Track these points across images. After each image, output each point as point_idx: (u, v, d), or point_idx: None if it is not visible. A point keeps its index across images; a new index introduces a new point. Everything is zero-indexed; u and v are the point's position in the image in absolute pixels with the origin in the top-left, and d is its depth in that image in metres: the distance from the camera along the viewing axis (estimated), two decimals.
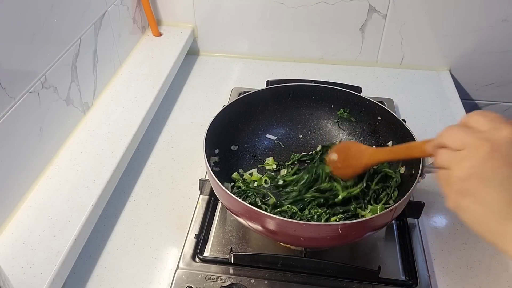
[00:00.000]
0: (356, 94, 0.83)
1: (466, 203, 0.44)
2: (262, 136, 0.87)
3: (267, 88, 0.88)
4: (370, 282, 0.67)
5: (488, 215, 0.43)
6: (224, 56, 1.24)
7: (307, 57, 1.21)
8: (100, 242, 0.75)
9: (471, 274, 0.70)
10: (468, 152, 0.43)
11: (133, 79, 1.01)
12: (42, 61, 0.75)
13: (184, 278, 0.68)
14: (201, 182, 0.80)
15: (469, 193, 0.43)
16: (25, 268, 0.62)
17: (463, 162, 0.43)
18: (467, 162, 0.43)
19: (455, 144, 0.45)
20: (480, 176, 0.42)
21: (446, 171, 0.45)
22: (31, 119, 0.72)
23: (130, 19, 1.08)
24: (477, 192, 0.43)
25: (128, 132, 0.86)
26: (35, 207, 0.71)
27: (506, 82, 1.16)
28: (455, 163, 0.44)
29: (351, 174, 0.72)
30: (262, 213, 0.60)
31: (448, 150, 0.46)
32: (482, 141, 0.42)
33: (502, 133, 0.42)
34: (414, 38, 1.13)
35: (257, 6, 1.13)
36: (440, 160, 0.47)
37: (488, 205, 0.42)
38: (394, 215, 0.65)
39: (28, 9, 0.69)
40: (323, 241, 0.64)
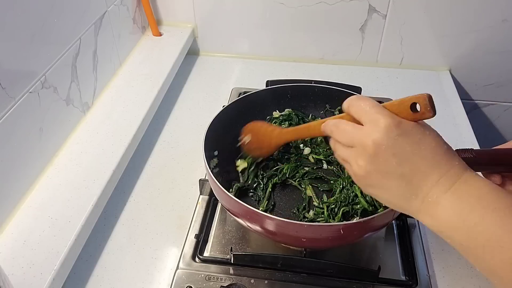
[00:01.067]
0: (355, 94, 0.83)
1: (375, 192, 0.51)
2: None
3: (266, 89, 0.88)
4: (370, 282, 0.67)
5: (395, 198, 0.49)
6: (224, 56, 1.24)
7: (307, 57, 1.21)
8: (100, 242, 0.75)
9: (471, 274, 0.70)
10: (358, 152, 0.49)
11: (133, 79, 1.01)
12: (42, 61, 0.75)
13: (184, 278, 0.68)
14: (201, 182, 0.80)
15: (373, 185, 0.50)
16: (25, 268, 0.62)
17: (358, 160, 0.49)
18: (361, 161, 0.49)
19: (345, 141, 0.51)
20: (376, 170, 0.48)
21: (348, 166, 0.52)
22: (31, 119, 0.72)
23: (130, 19, 1.08)
24: (379, 183, 0.49)
25: (128, 132, 0.86)
26: (35, 207, 0.71)
27: (506, 82, 1.16)
28: (352, 161, 0.50)
29: (266, 153, 0.77)
30: (262, 214, 0.60)
31: (341, 145, 0.52)
32: (365, 140, 0.47)
33: (379, 128, 0.47)
34: (414, 38, 1.13)
35: (257, 6, 1.13)
36: (339, 153, 0.53)
37: (392, 191, 0.48)
38: (395, 215, 0.65)
39: (28, 9, 0.69)
40: (324, 242, 0.64)
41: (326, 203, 0.73)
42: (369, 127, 0.48)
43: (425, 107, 0.47)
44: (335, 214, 0.71)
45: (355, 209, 0.71)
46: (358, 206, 0.71)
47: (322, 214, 0.72)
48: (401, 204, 0.49)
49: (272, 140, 0.73)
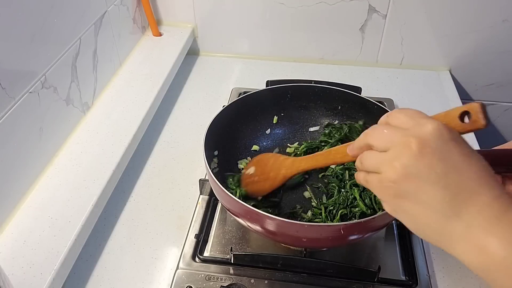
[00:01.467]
0: (355, 94, 0.83)
1: (406, 205, 0.41)
2: (262, 136, 0.87)
3: (266, 89, 0.88)
4: (370, 282, 0.67)
5: (431, 215, 0.40)
6: (224, 56, 1.24)
7: (307, 57, 1.21)
8: (100, 242, 0.75)
9: (471, 274, 0.70)
10: (397, 152, 0.40)
11: (133, 79, 1.01)
12: (42, 61, 0.75)
13: (184, 278, 0.68)
14: (201, 182, 0.80)
15: (407, 195, 0.40)
16: (25, 268, 0.62)
17: (394, 162, 0.40)
18: (398, 162, 0.40)
19: (381, 143, 0.42)
20: (415, 175, 0.39)
21: (376, 175, 0.43)
22: (31, 119, 0.72)
23: (130, 19, 1.08)
24: (415, 193, 0.40)
25: (128, 132, 0.86)
26: (35, 207, 0.71)
27: (506, 82, 1.16)
28: (386, 165, 0.41)
29: (269, 187, 0.70)
30: (262, 214, 0.60)
31: (374, 152, 0.43)
32: (409, 138, 0.39)
33: (427, 128, 0.39)
34: (414, 38, 1.13)
35: (257, 6, 1.13)
36: (367, 164, 0.44)
37: (430, 205, 0.39)
38: None
39: (28, 9, 0.69)
40: (325, 242, 0.64)
41: (324, 204, 0.73)
42: (415, 127, 0.40)
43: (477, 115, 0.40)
44: (333, 216, 0.71)
45: (353, 212, 0.71)
46: (357, 209, 0.71)
47: (320, 215, 0.72)
48: (437, 225, 0.39)
49: (281, 171, 0.66)
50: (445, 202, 0.39)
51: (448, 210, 0.39)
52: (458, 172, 0.39)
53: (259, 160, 0.74)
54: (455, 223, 0.38)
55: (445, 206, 0.39)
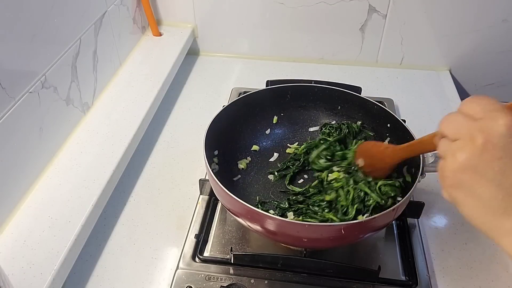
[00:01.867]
0: (355, 94, 0.83)
1: (460, 195, 0.43)
2: (262, 136, 0.87)
3: (266, 89, 0.88)
4: (370, 282, 0.67)
5: (482, 209, 0.42)
6: (224, 56, 1.24)
7: (307, 57, 1.21)
8: (100, 242, 0.75)
9: (471, 274, 0.70)
10: (462, 144, 0.42)
11: (133, 79, 1.01)
12: (42, 61, 0.74)
13: (184, 278, 0.68)
14: (201, 182, 0.80)
15: (463, 186, 0.42)
16: (25, 268, 0.62)
17: (457, 153, 0.42)
18: (461, 154, 0.42)
19: (451, 133, 0.44)
20: (474, 169, 0.41)
21: (442, 161, 0.45)
22: (31, 119, 0.72)
23: (130, 19, 1.08)
24: (471, 186, 0.42)
25: (128, 132, 0.86)
26: (35, 207, 0.71)
27: (506, 82, 1.16)
28: (450, 154, 0.43)
29: (383, 175, 0.70)
30: (262, 214, 0.60)
31: (445, 139, 0.45)
32: (476, 132, 0.41)
33: (496, 124, 0.40)
34: (414, 38, 1.13)
35: (257, 6, 1.13)
36: (439, 150, 0.46)
37: (482, 200, 0.41)
38: (396, 215, 0.65)
39: (28, 9, 0.69)
40: (325, 242, 0.64)
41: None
42: (484, 121, 0.41)
43: None
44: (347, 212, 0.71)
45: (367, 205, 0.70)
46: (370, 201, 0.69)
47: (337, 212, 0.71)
48: (487, 218, 0.42)
49: (386, 160, 0.67)
50: (497, 200, 0.40)
51: (498, 207, 0.40)
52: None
53: (364, 151, 0.73)
54: (504, 220, 0.40)
55: (496, 204, 0.41)
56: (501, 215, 0.41)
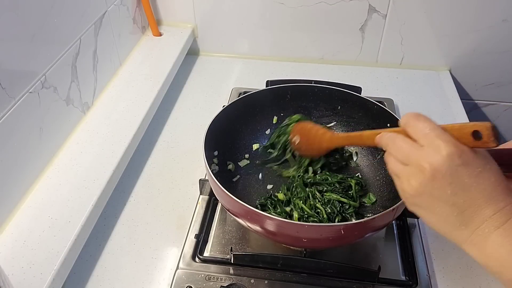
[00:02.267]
0: (355, 94, 0.83)
1: (421, 212, 0.49)
2: (262, 136, 0.87)
3: (266, 89, 0.88)
4: (370, 282, 0.67)
5: (442, 223, 0.48)
6: (224, 56, 1.24)
7: (307, 57, 1.21)
8: (100, 242, 0.75)
9: (471, 274, 0.70)
10: (412, 171, 0.47)
11: (133, 79, 1.01)
12: (42, 61, 0.74)
13: (184, 278, 0.68)
14: (201, 182, 0.80)
15: (421, 207, 0.49)
16: (25, 268, 0.62)
17: (411, 179, 0.47)
18: (414, 181, 0.47)
19: (400, 157, 0.49)
20: (429, 194, 0.46)
21: (397, 179, 0.50)
22: (31, 119, 0.72)
23: (130, 19, 1.08)
24: (430, 206, 0.47)
25: (128, 132, 0.86)
26: (35, 207, 0.71)
27: (506, 82, 1.16)
28: (404, 178, 0.49)
29: (317, 155, 0.77)
30: (262, 214, 0.60)
31: (396, 160, 0.50)
32: (423, 163, 0.46)
33: (440, 154, 0.45)
34: (414, 38, 1.13)
35: (257, 6, 1.13)
36: (390, 167, 0.51)
37: (441, 216, 0.47)
38: (395, 215, 0.65)
39: (28, 9, 0.69)
40: (325, 242, 0.64)
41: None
42: (429, 151, 0.46)
43: (488, 137, 0.44)
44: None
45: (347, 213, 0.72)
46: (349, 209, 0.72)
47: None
48: (448, 230, 0.48)
49: (323, 144, 0.73)
50: (453, 216, 0.46)
51: (456, 222, 0.47)
52: (466, 192, 0.45)
53: (301, 128, 0.78)
54: (462, 231, 0.46)
55: (453, 219, 0.47)
56: (458, 227, 0.46)
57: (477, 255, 0.46)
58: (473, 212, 0.45)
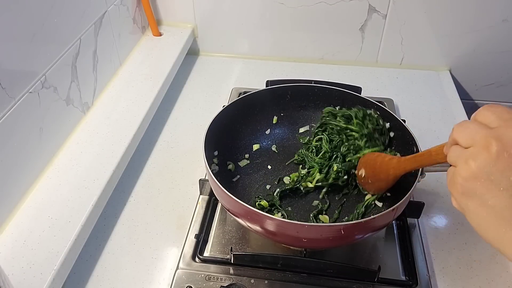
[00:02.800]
0: (355, 94, 0.83)
1: (471, 205, 0.41)
2: (262, 136, 0.87)
3: (266, 89, 0.88)
4: (370, 282, 0.67)
5: (493, 219, 0.40)
6: (224, 56, 1.24)
7: (307, 57, 1.21)
8: (100, 242, 0.75)
9: (471, 274, 0.70)
10: (476, 150, 0.40)
11: (133, 79, 1.01)
12: (42, 61, 0.75)
13: (184, 278, 0.68)
14: (201, 182, 0.80)
15: (474, 195, 0.41)
16: (25, 268, 0.62)
17: (470, 161, 0.40)
18: (474, 161, 0.40)
19: (464, 139, 0.42)
20: (487, 178, 0.39)
21: (452, 168, 0.43)
22: (31, 119, 0.72)
23: (130, 19, 1.08)
24: (483, 195, 0.40)
25: (128, 132, 0.86)
26: (35, 207, 0.71)
27: (506, 82, 1.16)
28: (462, 161, 0.41)
29: (385, 187, 0.69)
30: (262, 214, 0.60)
31: (457, 146, 0.43)
32: (491, 140, 0.39)
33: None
34: (414, 38, 1.13)
35: (257, 6, 1.13)
36: (450, 157, 0.44)
37: (494, 210, 0.40)
38: (395, 215, 0.65)
39: (28, 9, 0.69)
40: (325, 242, 0.64)
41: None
42: (500, 129, 0.40)
43: None
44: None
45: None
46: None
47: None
48: (498, 231, 0.40)
49: (390, 172, 0.66)
50: (510, 210, 0.39)
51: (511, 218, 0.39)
52: None
53: (367, 160, 0.73)
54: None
55: (509, 214, 0.39)
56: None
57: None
58: None
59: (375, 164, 0.70)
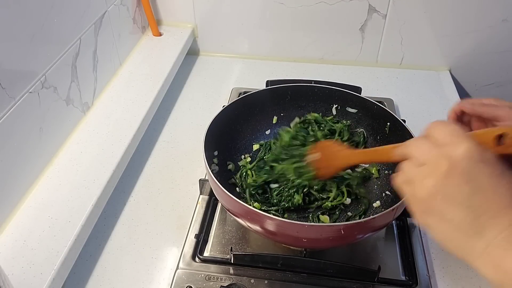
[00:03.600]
0: (355, 94, 0.83)
1: (432, 221, 0.44)
2: (262, 136, 0.87)
3: (266, 89, 0.88)
4: (370, 282, 0.67)
5: (455, 233, 0.42)
6: (224, 56, 1.24)
7: (307, 57, 1.21)
8: (100, 242, 0.75)
9: (471, 274, 0.70)
10: (429, 170, 0.43)
11: (133, 79, 1.01)
12: (42, 61, 0.75)
13: (184, 278, 0.68)
14: (201, 182, 0.80)
15: (434, 212, 0.43)
16: (25, 268, 0.62)
17: (425, 180, 0.43)
18: (428, 181, 0.43)
19: (418, 157, 0.45)
20: (443, 195, 0.42)
21: (410, 187, 0.45)
22: (31, 119, 0.72)
23: (130, 19, 1.08)
24: (441, 211, 0.42)
25: (128, 132, 0.86)
26: (35, 207, 0.71)
27: (506, 82, 1.16)
28: (418, 181, 0.44)
29: (331, 174, 0.72)
30: (262, 214, 0.60)
31: (412, 164, 0.46)
32: (441, 159, 0.42)
33: (460, 149, 0.42)
34: (414, 38, 1.13)
35: (257, 6, 1.13)
36: (406, 174, 0.46)
37: (453, 223, 0.42)
38: (395, 215, 0.65)
39: (28, 9, 0.69)
40: (325, 242, 0.64)
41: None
42: (448, 147, 0.42)
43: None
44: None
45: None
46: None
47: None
48: (459, 241, 0.42)
49: (340, 160, 0.70)
50: (467, 222, 0.41)
51: (470, 229, 0.41)
52: (484, 194, 0.41)
53: (324, 146, 0.75)
54: (476, 241, 0.41)
55: (467, 226, 0.41)
56: (472, 236, 0.41)
57: (492, 272, 0.40)
58: (490, 219, 0.40)
59: (328, 150, 0.73)
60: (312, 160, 0.74)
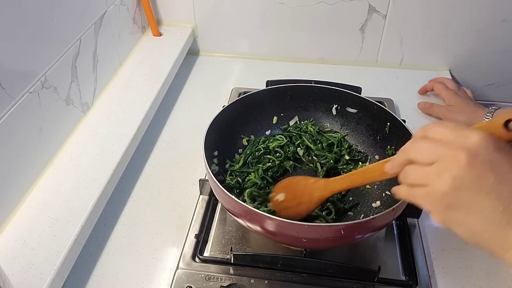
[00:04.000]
0: (355, 94, 0.83)
1: (457, 215, 0.42)
2: (262, 137, 0.87)
3: (266, 89, 0.88)
4: (370, 282, 0.67)
5: (486, 224, 0.40)
6: (224, 56, 1.24)
7: (307, 57, 1.21)
8: (100, 242, 0.75)
9: (471, 274, 0.70)
10: (445, 164, 0.41)
11: (133, 79, 1.01)
12: (42, 61, 0.74)
13: (184, 278, 0.68)
14: (201, 182, 0.80)
15: (459, 205, 0.41)
16: (25, 268, 0.62)
17: (443, 175, 0.41)
18: (448, 174, 0.40)
19: (425, 157, 0.42)
20: (467, 186, 0.40)
21: (422, 188, 0.43)
22: (31, 119, 0.72)
23: (130, 19, 1.08)
24: (468, 203, 0.40)
25: (128, 132, 0.86)
26: (35, 207, 0.71)
27: (506, 82, 1.16)
28: (434, 178, 0.41)
29: (306, 211, 0.68)
30: (262, 214, 0.60)
31: (417, 166, 0.43)
32: (457, 151, 0.40)
33: (474, 139, 0.40)
34: (414, 38, 1.13)
35: (257, 6, 1.13)
36: (412, 178, 0.44)
37: (483, 215, 0.40)
38: (395, 215, 0.65)
39: (28, 9, 0.69)
40: (325, 242, 0.64)
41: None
42: (461, 139, 0.40)
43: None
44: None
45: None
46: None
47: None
48: (490, 233, 0.40)
49: (315, 194, 0.65)
50: (498, 212, 0.39)
51: (502, 219, 0.39)
52: (510, 181, 0.39)
53: (287, 184, 0.71)
54: (509, 231, 0.39)
55: (499, 216, 0.39)
56: (505, 226, 0.39)
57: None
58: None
59: (297, 187, 0.69)
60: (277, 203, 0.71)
